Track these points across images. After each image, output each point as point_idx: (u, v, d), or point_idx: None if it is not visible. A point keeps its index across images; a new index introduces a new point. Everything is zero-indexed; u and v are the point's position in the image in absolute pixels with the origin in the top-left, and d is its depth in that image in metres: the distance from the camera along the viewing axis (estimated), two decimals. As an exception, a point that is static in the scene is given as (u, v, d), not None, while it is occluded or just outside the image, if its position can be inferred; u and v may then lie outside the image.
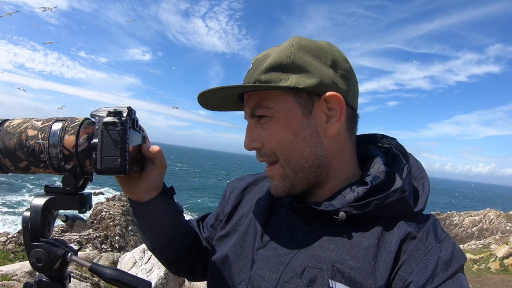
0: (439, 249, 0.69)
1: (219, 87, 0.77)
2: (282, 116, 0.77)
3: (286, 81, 0.74)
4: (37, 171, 0.71)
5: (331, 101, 0.76)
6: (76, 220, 0.81)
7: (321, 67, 0.77)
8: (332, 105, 0.77)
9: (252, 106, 0.80)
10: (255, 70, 0.78)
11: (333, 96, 0.76)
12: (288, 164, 0.79)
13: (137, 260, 6.22)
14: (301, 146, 0.77)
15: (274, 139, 0.78)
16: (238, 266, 0.85)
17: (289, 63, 0.75)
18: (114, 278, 0.66)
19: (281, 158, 0.79)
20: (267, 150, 0.80)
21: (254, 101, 0.80)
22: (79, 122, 0.69)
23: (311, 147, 0.78)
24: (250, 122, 0.83)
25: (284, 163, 0.79)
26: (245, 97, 0.83)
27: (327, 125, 0.78)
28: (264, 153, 0.81)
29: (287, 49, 0.77)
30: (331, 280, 0.69)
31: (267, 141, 0.79)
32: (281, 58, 0.76)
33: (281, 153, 0.78)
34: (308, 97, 0.76)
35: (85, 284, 4.47)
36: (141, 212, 0.88)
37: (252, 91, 0.80)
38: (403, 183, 0.74)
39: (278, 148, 0.78)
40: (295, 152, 0.77)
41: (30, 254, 0.68)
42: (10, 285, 3.75)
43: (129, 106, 0.72)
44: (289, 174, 0.80)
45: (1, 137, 0.68)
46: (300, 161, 0.78)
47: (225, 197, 1.07)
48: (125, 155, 0.67)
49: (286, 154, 0.78)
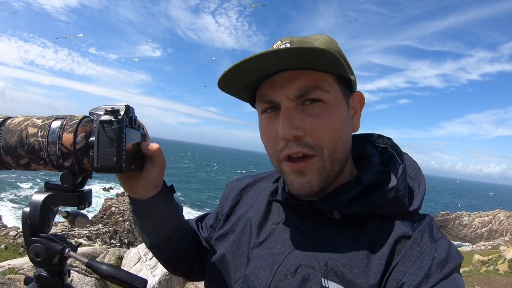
0: (434, 249, 0.68)
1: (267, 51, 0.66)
2: (336, 104, 0.74)
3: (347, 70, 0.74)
4: (38, 168, 0.72)
5: (356, 99, 0.81)
6: (77, 217, 0.82)
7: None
8: (354, 103, 0.81)
9: (305, 86, 0.71)
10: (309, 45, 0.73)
11: (359, 95, 0.81)
12: (331, 155, 0.73)
13: (142, 256, 6.28)
14: (346, 137, 0.77)
15: (329, 128, 0.72)
16: (235, 265, 0.85)
17: (340, 54, 0.76)
18: (110, 274, 0.66)
19: (327, 148, 0.73)
20: (310, 140, 0.72)
21: (306, 81, 0.71)
22: (77, 120, 0.70)
23: (349, 139, 0.79)
24: (290, 105, 0.72)
25: (328, 154, 0.73)
26: (284, 75, 0.72)
27: (353, 120, 0.81)
28: (306, 143, 0.72)
29: (331, 41, 0.77)
30: (323, 279, 0.69)
31: (316, 129, 0.72)
32: (332, 47, 0.75)
33: (330, 143, 0.73)
34: (348, 91, 0.79)
35: (90, 279, 4.53)
36: (140, 209, 0.89)
37: (299, 70, 0.71)
38: (397, 182, 0.74)
39: (329, 138, 0.72)
40: (343, 143, 0.75)
41: (29, 249, 0.69)
42: (16, 278, 3.83)
43: (127, 104, 0.72)
44: (327, 167, 0.74)
45: (3, 135, 0.70)
46: (343, 152, 0.76)
47: (224, 198, 1.07)
48: (121, 154, 0.68)
49: (334, 144, 0.73)
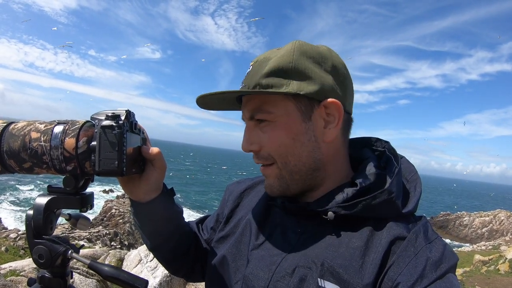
0: (429, 250, 0.69)
1: (219, 92, 0.78)
2: (283, 121, 0.78)
3: (288, 86, 0.75)
4: (41, 172, 0.74)
5: (330, 107, 0.77)
6: (79, 219, 0.83)
7: (322, 73, 0.77)
8: (331, 111, 0.78)
9: (252, 109, 0.80)
10: (256, 73, 0.78)
11: (332, 103, 0.77)
12: (285, 167, 0.80)
13: (142, 258, 6.30)
14: (299, 151, 0.78)
15: (274, 143, 0.78)
16: (235, 266, 0.87)
17: (291, 69, 0.75)
18: (111, 275, 0.68)
19: (279, 161, 0.80)
20: (265, 153, 0.81)
21: (254, 104, 0.80)
22: (79, 125, 0.72)
23: (309, 151, 0.79)
24: (249, 124, 0.83)
25: (281, 165, 0.80)
26: (243, 99, 0.83)
27: (325, 130, 0.79)
28: (262, 156, 0.82)
29: (289, 54, 0.77)
30: (320, 279, 0.71)
31: (266, 144, 0.80)
32: (282, 63, 0.76)
33: (280, 156, 0.79)
34: (308, 103, 0.77)
35: (91, 280, 4.54)
36: (141, 212, 0.90)
37: (252, 95, 0.80)
38: (390, 184, 0.75)
39: (277, 152, 0.79)
40: (293, 156, 0.79)
41: (33, 251, 0.71)
42: (18, 280, 3.84)
43: (128, 109, 0.74)
44: (285, 175, 0.81)
45: (6, 139, 0.71)
46: (298, 164, 0.79)
47: (224, 200, 1.08)
48: (122, 158, 0.70)
49: (284, 158, 0.79)
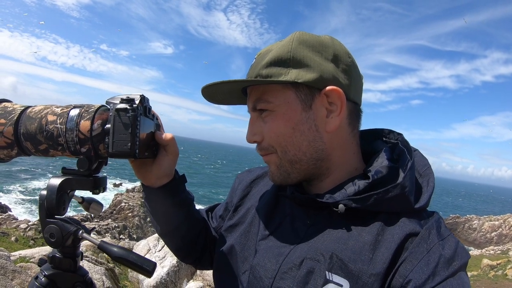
0: (442, 247, 0.68)
1: (221, 81, 0.80)
2: (282, 110, 0.78)
3: (286, 75, 0.76)
4: (56, 154, 0.76)
5: (331, 95, 0.77)
6: (92, 203, 0.85)
7: (322, 61, 0.77)
8: (333, 99, 0.77)
9: (254, 100, 0.82)
10: (257, 65, 0.80)
11: (333, 91, 0.76)
12: (285, 156, 0.80)
13: (151, 247, 6.38)
14: (299, 140, 0.78)
15: (273, 133, 0.79)
16: (243, 256, 0.87)
17: (289, 58, 0.76)
18: (120, 256, 0.69)
19: (278, 150, 0.80)
20: (266, 143, 0.82)
21: (255, 95, 0.81)
22: (94, 108, 0.74)
23: (309, 141, 0.78)
24: (252, 115, 0.85)
25: (281, 154, 0.80)
26: (248, 91, 0.85)
27: (327, 120, 0.78)
28: (263, 147, 0.83)
29: (288, 44, 0.78)
30: (328, 272, 0.70)
31: (266, 134, 0.81)
32: (281, 53, 0.77)
33: (279, 146, 0.80)
34: (308, 92, 0.77)
35: (99, 267, 4.61)
36: (152, 197, 0.92)
37: (254, 86, 0.82)
38: (403, 178, 0.74)
39: (277, 142, 0.80)
40: (292, 145, 0.79)
41: (44, 230, 0.73)
42: (27, 266, 3.94)
43: (142, 94, 0.75)
44: (285, 164, 0.81)
45: (23, 122, 0.73)
46: (298, 154, 0.79)
47: (233, 189, 1.09)
48: (135, 140, 0.71)
49: (283, 147, 0.79)
